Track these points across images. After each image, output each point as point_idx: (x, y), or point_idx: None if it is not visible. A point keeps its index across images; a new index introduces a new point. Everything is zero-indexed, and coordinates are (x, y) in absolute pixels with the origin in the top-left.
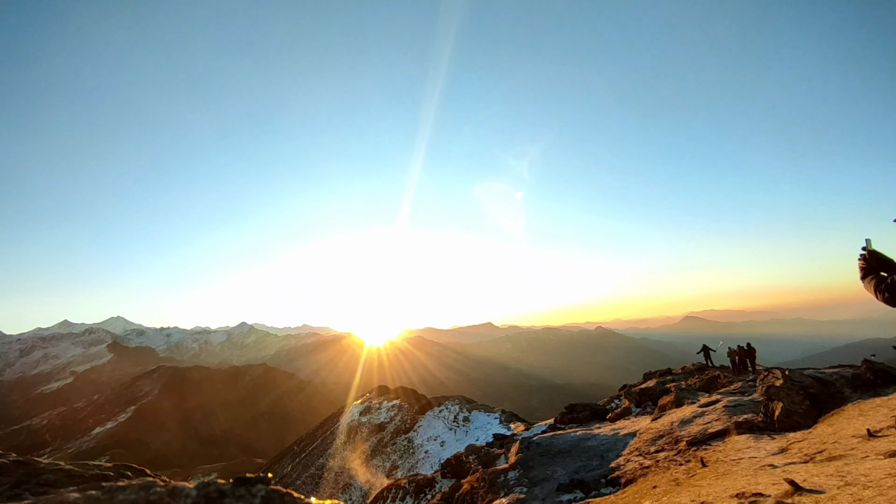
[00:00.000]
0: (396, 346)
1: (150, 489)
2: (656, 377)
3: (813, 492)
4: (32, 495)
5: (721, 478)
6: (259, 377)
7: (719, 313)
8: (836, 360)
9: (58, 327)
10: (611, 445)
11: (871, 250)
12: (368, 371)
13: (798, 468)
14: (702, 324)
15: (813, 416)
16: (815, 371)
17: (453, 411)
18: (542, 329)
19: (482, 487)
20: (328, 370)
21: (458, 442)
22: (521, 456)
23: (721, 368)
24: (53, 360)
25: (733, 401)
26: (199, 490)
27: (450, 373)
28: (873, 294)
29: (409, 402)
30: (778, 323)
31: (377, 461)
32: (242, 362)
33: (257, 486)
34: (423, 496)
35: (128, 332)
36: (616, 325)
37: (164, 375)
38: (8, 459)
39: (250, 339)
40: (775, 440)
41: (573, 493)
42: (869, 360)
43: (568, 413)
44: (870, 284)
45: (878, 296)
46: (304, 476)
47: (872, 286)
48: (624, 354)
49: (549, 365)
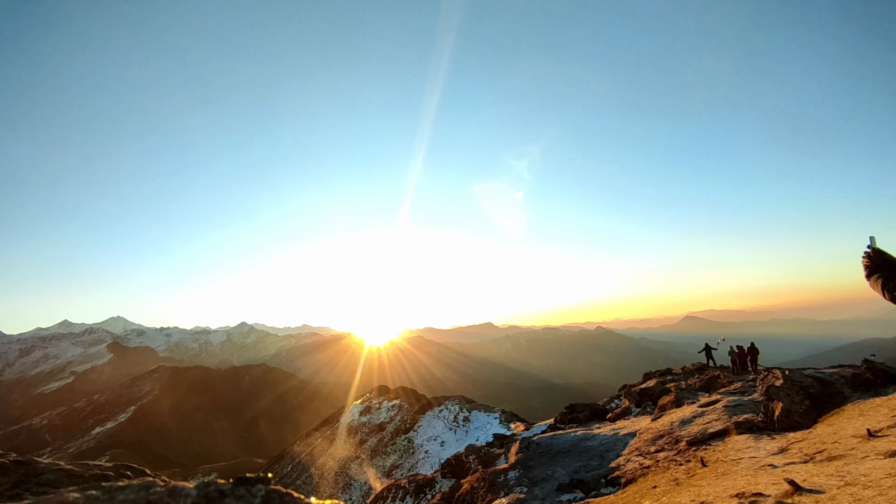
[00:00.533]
0: (396, 346)
1: (150, 489)
2: (656, 377)
3: (813, 492)
4: (32, 495)
5: (721, 478)
6: (259, 377)
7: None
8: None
9: (58, 327)
10: (611, 445)
11: (876, 248)
12: (368, 371)
13: (798, 468)
14: (702, 324)
15: (813, 416)
16: (815, 371)
17: (453, 411)
18: (542, 329)
19: (482, 487)
20: (328, 370)
21: (458, 442)
22: (521, 456)
23: (721, 368)
24: (53, 360)
25: (733, 401)
26: (199, 490)
27: (450, 373)
28: (880, 293)
29: (409, 401)
30: (778, 323)
31: (377, 461)
32: (242, 362)
33: (257, 486)
34: (423, 496)
35: (128, 332)
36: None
37: (164, 375)
38: (8, 459)
39: (250, 339)
40: (775, 440)
41: (573, 493)
42: (869, 360)
43: (568, 413)
44: (876, 283)
45: (886, 295)
46: (304, 476)
47: (879, 285)
48: (624, 354)
49: (549, 365)
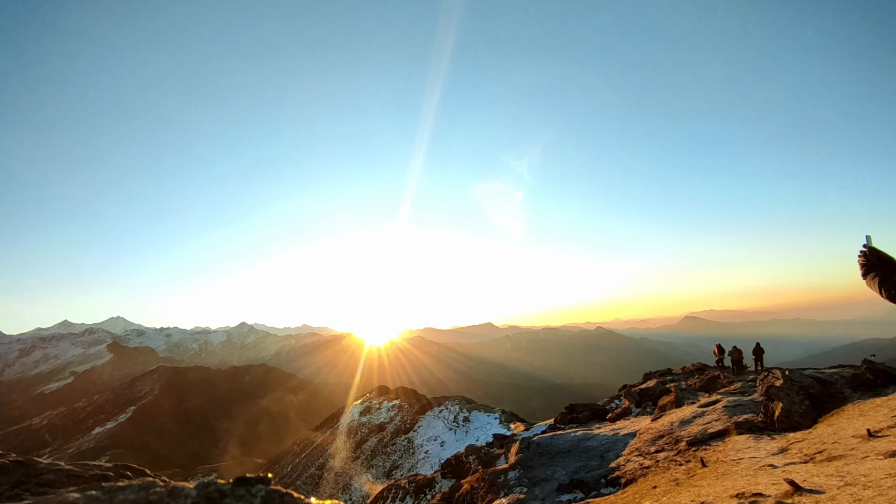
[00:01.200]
0: (396, 346)
1: (150, 489)
2: (656, 377)
3: (813, 492)
4: (32, 495)
5: (721, 478)
6: (259, 377)
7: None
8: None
9: (58, 327)
10: (611, 445)
11: (871, 247)
12: (368, 371)
13: (798, 468)
14: (702, 324)
15: (813, 416)
16: (815, 371)
17: (453, 411)
18: (542, 329)
19: (482, 487)
20: (328, 370)
21: (458, 442)
22: (521, 456)
23: (721, 368)
24: (53, 360)
25: (733, 401)
26: (199, 490)
27: (450, 373)
28: (877, 291)
29: (409, 402)
30: (778, 323)
31: (377, 461)
32: (242, 362)
33: (257, 486)
34: (423, 496)
35: (128, 332)
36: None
37: (164, 375)
38: (8, 459)
39: (250, 339)
40: (775, 440)
41: (573, 493)
42: (869, 360)
43: (568, 413)
44: (873, 282)
45: (883, 293)
46: (304, 476)
47: (877, 283)
48: (624, 354)
49: (549, 365)
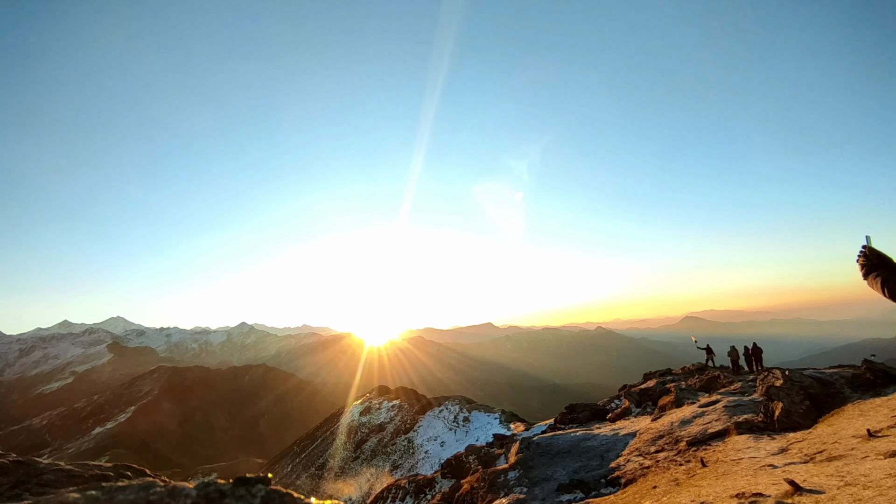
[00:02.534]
0: (397, 346)
1: (150, 489)
2: (656, 377)
3: (813, 492)
4: (32, 495)
5: (721, 478)
6: (259, 377)
7: (719, 313)
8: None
9: (58, 327)
10: (611, 446)
11: (871, 248)
12: (368, 371)
13: (798, 468)
14: (702, 324)
15: (813, 416)
16: (815, 371)
17: (453, 411)
18: (542, 329)
19: (482, 487)
20: (328, 370)
21: (458, 442)
22: (521, 456)
23: (721, 368)
24: (53, 360)
25: (733, 401)
26: (199, 490)
27: (450, 373)
28: (880, 291)
29: (409, 402)
30: (778, 323)
31: (377, 461)
32: (242, 362)
33: (257, 486)
34: (423, 496)
35: (128, 333)
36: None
37: (164, 375)
38: (8, 459)
39: (250, 339)
40: (775, 440)
41: (573, 494)
42: (869, 360)
43: (568, 413)
44: (875, 282)
45: (885, 293)
46: (304, 476)
47: (878, 283)
48: (624, 354)
49: (549, 365)
